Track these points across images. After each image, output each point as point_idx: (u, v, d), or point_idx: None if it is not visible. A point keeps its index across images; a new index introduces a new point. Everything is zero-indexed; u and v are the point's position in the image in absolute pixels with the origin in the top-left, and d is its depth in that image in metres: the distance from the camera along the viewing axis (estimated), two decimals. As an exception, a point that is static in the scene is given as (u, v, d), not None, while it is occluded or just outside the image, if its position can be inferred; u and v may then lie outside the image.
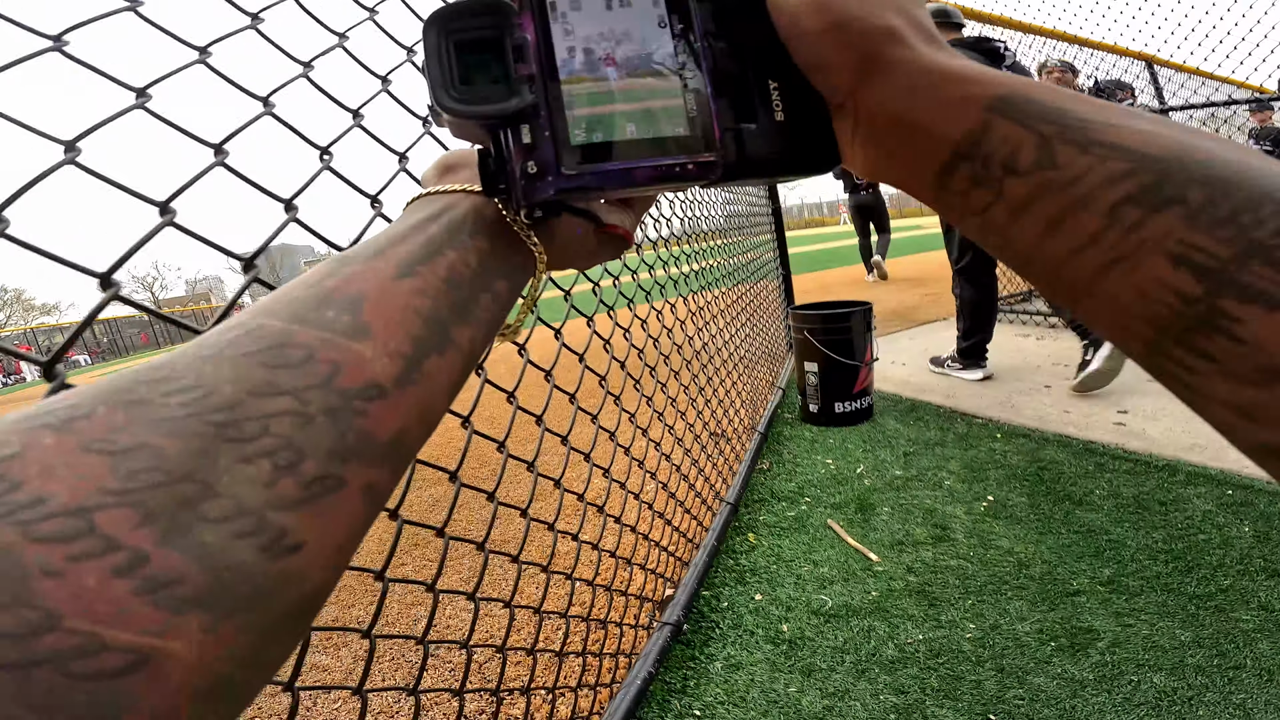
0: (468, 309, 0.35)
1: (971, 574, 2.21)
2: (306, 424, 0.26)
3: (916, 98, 0.34)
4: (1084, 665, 1.73)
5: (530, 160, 0.34)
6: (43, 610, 0.18)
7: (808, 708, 1.73)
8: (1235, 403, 0.25)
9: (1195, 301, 0.25)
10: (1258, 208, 0.24)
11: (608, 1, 0.36)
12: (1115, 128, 0.29)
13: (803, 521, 2.71)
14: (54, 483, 0.20)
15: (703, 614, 2.16)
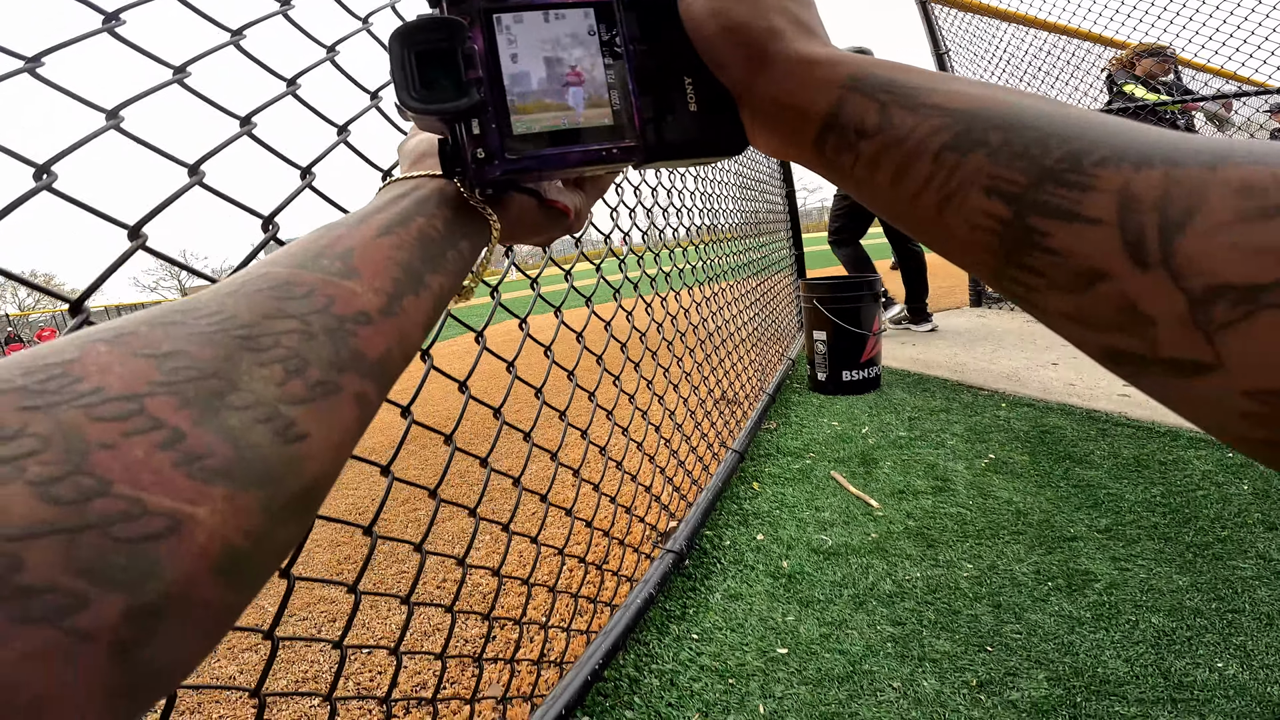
0: (437, 261, 0.41)
1: (970, 520, 2.23)
2: (310, 339, 0.31)
3: (792, 83, 0.41)
4: (1081, 604, 1.75)
5: (479, 148, 0.41)
6: (96, 478, 0.21)
7: (805, 635, 1.75)
8: (1067, 311, 0.29)
9: (1010, 223, 0.30)
10: (1045, 142, 0.30)
11: (545, 15, 0.42)
12: (936, 91, 0.35)
13: (807, 473, 2.73)
14: (110, 377, 0.24)
15: (705, 550, 2.19)
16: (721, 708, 1.54)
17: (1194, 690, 1.42)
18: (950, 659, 1.61)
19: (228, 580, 0.24)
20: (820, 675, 1.60)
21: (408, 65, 0.39)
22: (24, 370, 0.23)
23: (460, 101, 0.39)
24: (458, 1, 0.41)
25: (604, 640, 1.68)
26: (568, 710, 1.49)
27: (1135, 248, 0.26)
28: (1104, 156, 0.28)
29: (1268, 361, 0.23)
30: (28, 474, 0.20)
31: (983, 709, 1.44)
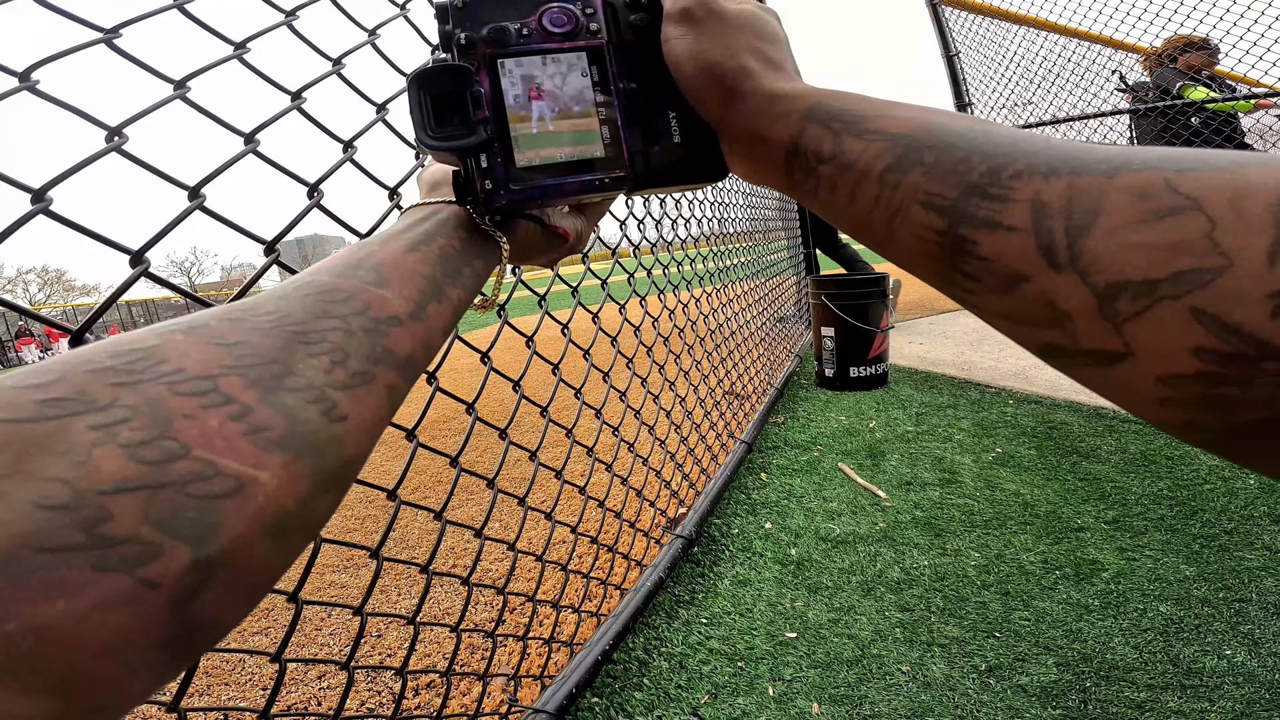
0: (456, 276, 0.46)
1: (977, 511, 2.24)
2: (351, 336, 0.35)
3: (760, 116, 0.45)
4: (1089, 593, 1.76)
5: (487, 179, 0.46)
6: (179, 442, 0.25)
7: (813, 620, 1.76)
8: (1001, 311, 0.32)
9: (945, 233, 0.34)
10: (969, 159, 0.34)
11: (544, 59, 0.47)
12: (882, 118, 0.39)
13: (814, 465, 2.74)
14: (188, 361, 0.28)
15: (713, 538, 2.20)
16: (731, 690, 1.54)
17: (1203, 676, 1.42)
18: (959, 644, 1.61)
19: (275, 541, 0.27)
20: (829, 659, 1.61)
21: (424, 106, 0.44)
22: (111, 354, 0.27)
23: (469, 139, 0.45)
24: (467, 48, 0.46)
25: (614, 623, 1.69)
26: (578, 689, 1.50)
27: (1048, 250, 0.29)
28: (1019, 170, 0.31)
29: (1169, 348, 0.26)
30: (119, 438, 0.24)
31: (992, 693, 1.44)
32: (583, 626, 1.74)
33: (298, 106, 0.88)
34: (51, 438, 0.23)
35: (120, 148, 0.68)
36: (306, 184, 0.89)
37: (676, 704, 1.51)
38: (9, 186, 0.61)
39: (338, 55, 0.96)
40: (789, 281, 5.38)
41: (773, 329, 4.34)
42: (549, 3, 0.48)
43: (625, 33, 0.50)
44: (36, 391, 0.24)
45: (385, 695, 1.63)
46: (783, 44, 0.49)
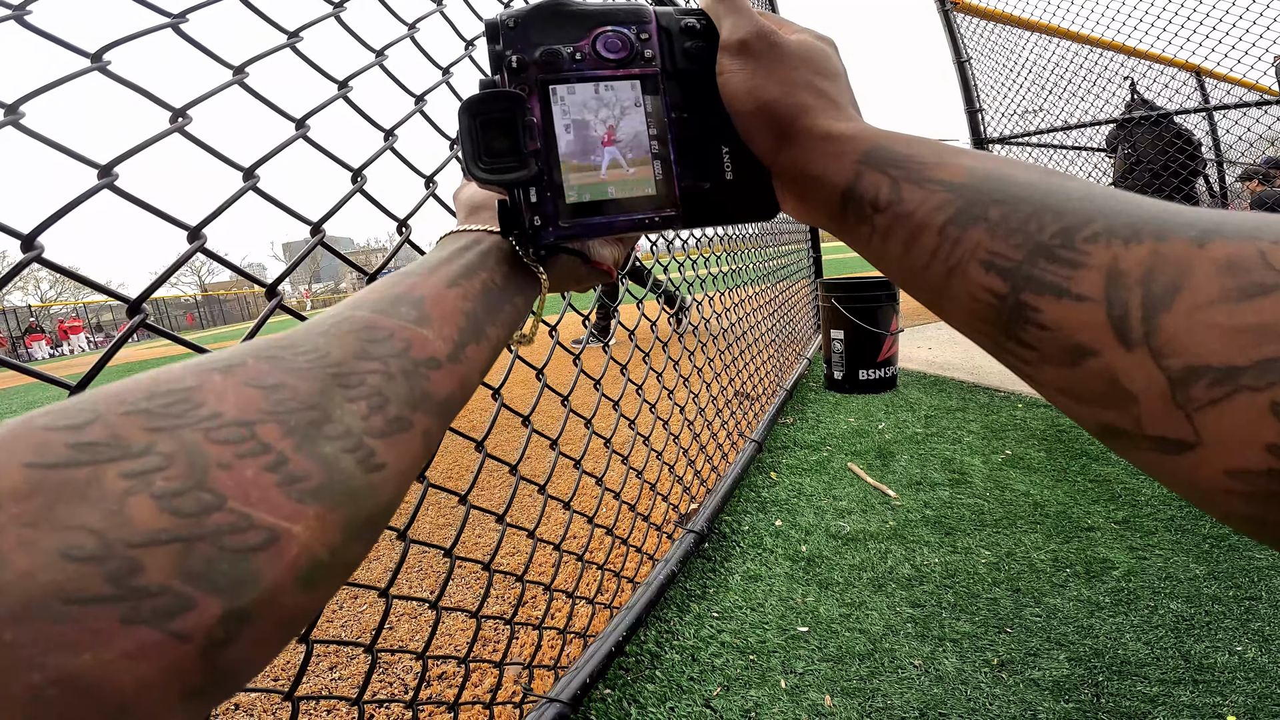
0: (495, 314, 0.45)
1: (987, 510, 2.25)
2: (390, 380, 0.35)
3: (814, 158, 0.43)
4: (1100, 590, 1.77)
5: (536, 215, 0.45)
6: (215, 493, 0.25)
7: (825, 614, 1.77)
8: (1061, 385, 0.30)
9: (1005, 297, 0.32)
10: (1040, 216, 0.31)
11: (596, 88, 0.46)
12: (943, 165, 0.37)
13: (824, 465, 2.75)
14: (225, 404, 0.27)
15: (724, 535, 2.21)
16: (743, 682, 1.56)
17: (1214, 672, 1.43)
18: (971, 639, 1.62)
19: (306, 589, 0.27)
20: (841, 652, 1.62)
21: (475, 135, 0.43)
22: (147, 394, 0.27)
23: (521, 173, 0.44)
24: (518, 72, 0.45)
25: (626, 615, 1.71)
26: (591, 680, 1.51)
27: (1120, 325, 0.27)
28: (1095, 231, 0.29)
29: (1244, 442, 0.24)
30: (153, 488, 0.23)
31: (1005, 687, 1.45)
32: (595, 618, 1.75)
33: (344, 95, 0.90)
34: (83, 484, 0.22)
35: (183, 129, 0.70)
36: (350, 169, 0.91)
37: (689, 695, 1.52)
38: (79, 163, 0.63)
39: (380, 47, 0.97)
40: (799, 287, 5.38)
41: (782, 331, 4.35)
42: (603, 26, 0.47)
43: (680, 60, 0.48)
44: (69, 434, 0.24)
45: (398, 686, 1.64)
46: (841, 79, 0.47)
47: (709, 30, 0.48)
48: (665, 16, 0.49)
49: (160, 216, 0.68)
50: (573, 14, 0.46)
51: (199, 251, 0.70)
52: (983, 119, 5.87)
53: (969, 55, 5.81)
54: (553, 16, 0.46)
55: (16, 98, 0.59)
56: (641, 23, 0.47)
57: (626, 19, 0.47)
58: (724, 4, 0.47)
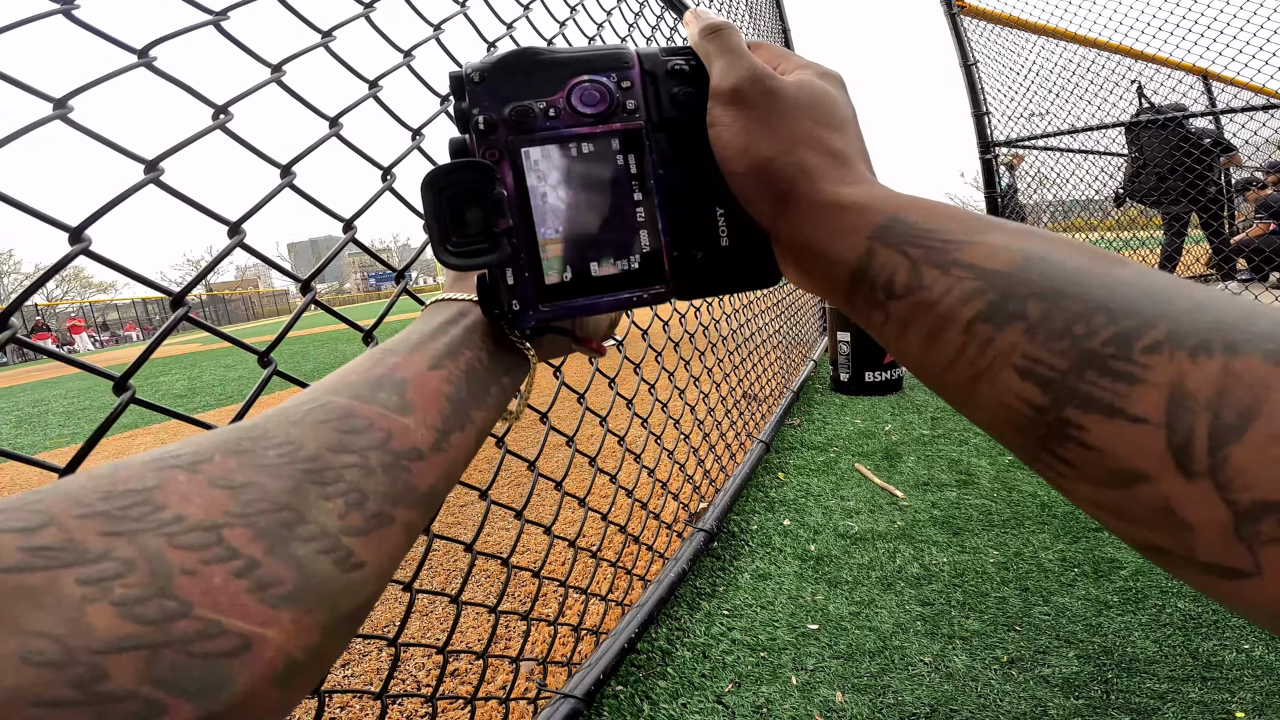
0: (481, 397, 0.42)
1: (995, 511, 2.26)
2: (369, 475, 0.33)
3: (818, 230, 0.38)
4: (1108, 589, 1.78)
5: (514, 299, 0.41)
6: (179, 600, 0.24)
7: (834, 612, 1.79)
8: (1102, 503, 0.27)
9: (1045, 411, 0.27)
10: (1090, 317, 0.27)
11: (573, 148, 0.41)
12: (972, 245, 0.32)
13: (831, 465, 2.77)
14: (190, 506, 0.26)
15: (733, 534, 2.23)
16: (754, 679, 1.57)
17: (1222, 669, 1.44)
18: (980, 637, 1.64)
19: (284, 689, 0.27)
20: (851, 649, 1.63)
21: (441, 214, 0.39)
22: (104, 495, 0.25)
23: (493, 256, 0.40)
24: (485, 134, 0.40)
25: (638, 612, 1.72)
26: (605, 676, 1.53)
27: (1182, 453, 0.24)
28: (1157, 340, 0.25)
29: None
30: (113, 595, 0.23)
31: (1015, 683, 1.47)
32: (607, 616, 1.77)
33: (374, 95, 0.91)
34: (38, 591, 0.21)
35: (225, 125, 0.72)
36: (380, 166, 0.93)
37: (701, 692, 1.54)
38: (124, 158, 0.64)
39: (408, 48, 0.99)
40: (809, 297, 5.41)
41: (789, 333, 4.37)
42: (579, 76, 0.42)
43: (667, 109, 0.43)
44: (20, 537, 0.23)
45: (409, 683, 1.65)
46: (849, 128, 0.42)
47: (699, 73, 0.43)
48: (650, 59, 0.43)
49: (203, 211, 0.70)
50: (545, 63, 0.42)
51: (239, 246, 0.72)
52: (989, 122, 5.88)
53: (976, 59, 5.82)
54: (522, 67, 0.41)
55: (65, 92, 0.60)
56: (622, 69, 0.43)
57: (605, 65, 0.42)
58: (714, 42, 0.43)
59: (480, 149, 0.40)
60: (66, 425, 6.61)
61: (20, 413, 8.13)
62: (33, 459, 0.62)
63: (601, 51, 0.43)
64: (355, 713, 1.56)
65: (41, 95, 0.59)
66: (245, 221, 0.71)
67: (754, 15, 4.46)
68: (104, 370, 0.65)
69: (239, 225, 0.71)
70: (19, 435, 6.39)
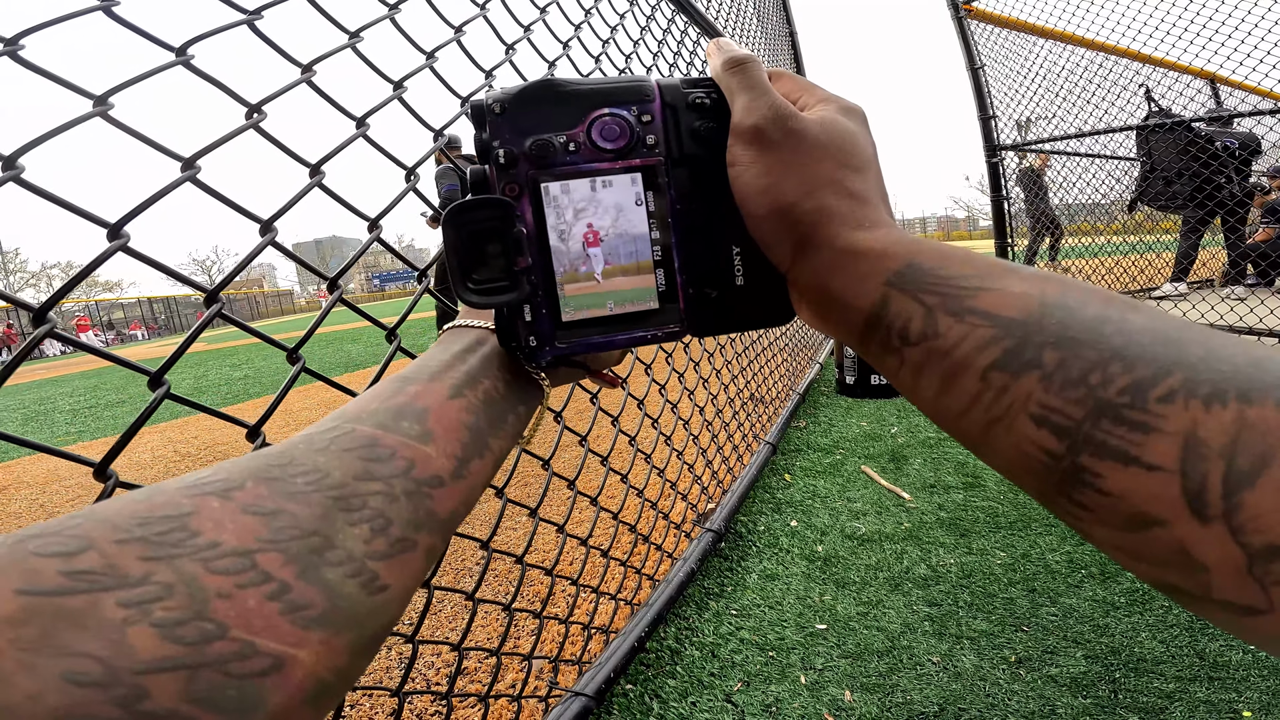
0: (498, 426, 0.43)
1: (1002, 513, 2.27)
2: (393, 502, 0.34)
3: (835, 275, 0.38)
4: (1115, 591, 1.79)
5: (531, 335, 0.42)
6: (216, 623, 0.25)
7: (842, 612, 1.80)
8: (1119, 545, 0.28)
9: (1060, 458, 0.28)
10: (1106, 366, 0.28)
11: (593, 184, 0.42)
12: (987, 292, 0.33)
13: (837, 467, 2.78)
14: (224, 533, 0.27)
15: (740, 535, 2.24)
16: (763, 678, 1.58)
17: (1229, 669, 1.45)
18: (988, 637, 1.65)
19: (313, 708, 0.28)
20: (860, 649, 1.64)
21: (461, 251, 0.40)
22: (140, 520, 0.26)
23: (512, 295, 0.40)
24: (506, 168, 0.41)
25: (647, 611, 1.73)
26: (615, 675, 1.54)
27: (1196, 498, 0.24)
28: (1171, 389, 0.26)
29: None
30: (153, 617, 0.23)
31: (1023, 683, 1.47)
32: (617, 615, 1.78)
33: (399, 96, 0.93)
34: (80, 613, 0.22)
35: (258, 125, 0.73)
36: (404, 166, 0.94)
37: (710, 691, 1.55)
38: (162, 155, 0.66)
39: (430, 49, 1.01)
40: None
41: (795, 336, 4.38)
42: (600, 109, 0.42)
43: (687, 144, 0.43)
44: (60, 561, 0.23)
45: (419, 681, 1.67)
46: (870, 169, 0.42)
47: (720, 107, 0.43)
48: (671, 91, 0.43)
49: (237, 210, 0.71)
50: (566, 94, 0.42)
51: (271, 245, 0.73)
52: (996, 126, 5.89)
53: (982, 62, 5.82)
54: (544, 98, 0.42)
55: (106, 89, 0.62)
56: (643, 102, 0.43)
57: (626, 98, 0.42)
58: (737, 77, 0.43)
59: (501, 183, 0.41)
60: (74, 423, 6.63)
61: (27, 410, 8.16)
62: (69, 454, 0.64)
63: (623, 83, 0.43)
64: (365, 710, 1.57)
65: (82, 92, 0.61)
66: (277, 220, 0.73)
67: (762, 19, 4.47)
68: (139, 365, 0.66)
69: (270, 223, 0.73)
70: (26, 432, 6.41)
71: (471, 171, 0.42)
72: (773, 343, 3.58)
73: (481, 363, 0.44)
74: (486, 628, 1.87)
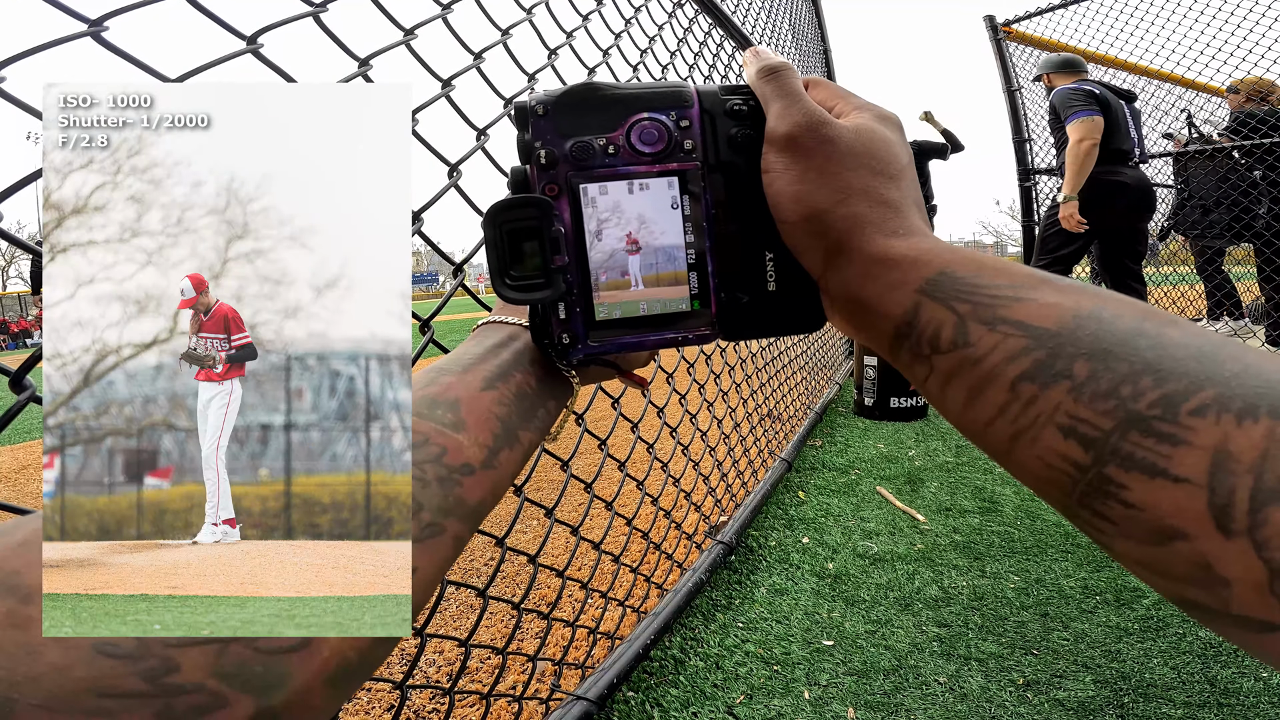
0: (530, 418, 0.44)
1: (1017, 538, 2.25)
2: (425, 487, 0.35)
3: (866, 283, 0.38)
4: (1129, 617, 1.76)
5: (564, 332, 0.43)
6: None
7: (850, 630, 1.79)
8: (1141, 560, 0.27)
9: (1086, 469, 0.28)
10: (1137, 379, 0.27)
11: (630, 186, 0.42)
12: (1020, 302, 0.32)
13: (852, 487, 2.77)
14: None
15: (751, 549, 2.24)
16: (766, 691, 1.57)
17: (1239, 696, 1.43)
18: (997, 659, 1.63)
19: (334, 689, 0.28)
20: (866, 667, 1.63)
21: (500, 248, 0.41)
22: None
23: (548, 293, 0.41)
24: (547, 168, 0.41)
25: (654, 620, 1.73)
26: (618, 681, 1.54)
27: (1221, 512, 0.24)
28: (1204, 402, 0.26)
29: None
30: None
31: (1030, 706, 1.46)
32: (624, 621, 1.78)
33: (446, 95, 0.97)
34: None
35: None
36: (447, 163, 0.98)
37: (712, 702, 1.54)
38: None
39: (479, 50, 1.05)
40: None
41: (814, 355, 4.38)
42: (640, 113, 0.42)
43: (724, 151, 0.44)
44: None
45: (418, 677, 1.67)
46: (903, 176, 0.42)
47: (756, 114, 0.44)
48: (709, 98, 0.44)
49: None
50: (607, 98, 0.43)
51: None
52: (1031, 149, 5.85)
53: (1020, 85, 5.79)
54: (586, 101, 0.42)
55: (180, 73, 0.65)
56: (682, 108, 0.43)
57: (665, 103, 0.43)
58: (771, 84, 0.43)
59: (541, 182, 0.42)
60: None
61: None
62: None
63: (662, 89, 0.43)
64: (361, 704, 1.58)
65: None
66: None
67: (797, 36, 4.50)
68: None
69: None
70: None
71: (513, 170, 0.43)
72: (791, 361, 3.58)
73: (514, 357, 0.45)
74: (491, 628, 1.87)
